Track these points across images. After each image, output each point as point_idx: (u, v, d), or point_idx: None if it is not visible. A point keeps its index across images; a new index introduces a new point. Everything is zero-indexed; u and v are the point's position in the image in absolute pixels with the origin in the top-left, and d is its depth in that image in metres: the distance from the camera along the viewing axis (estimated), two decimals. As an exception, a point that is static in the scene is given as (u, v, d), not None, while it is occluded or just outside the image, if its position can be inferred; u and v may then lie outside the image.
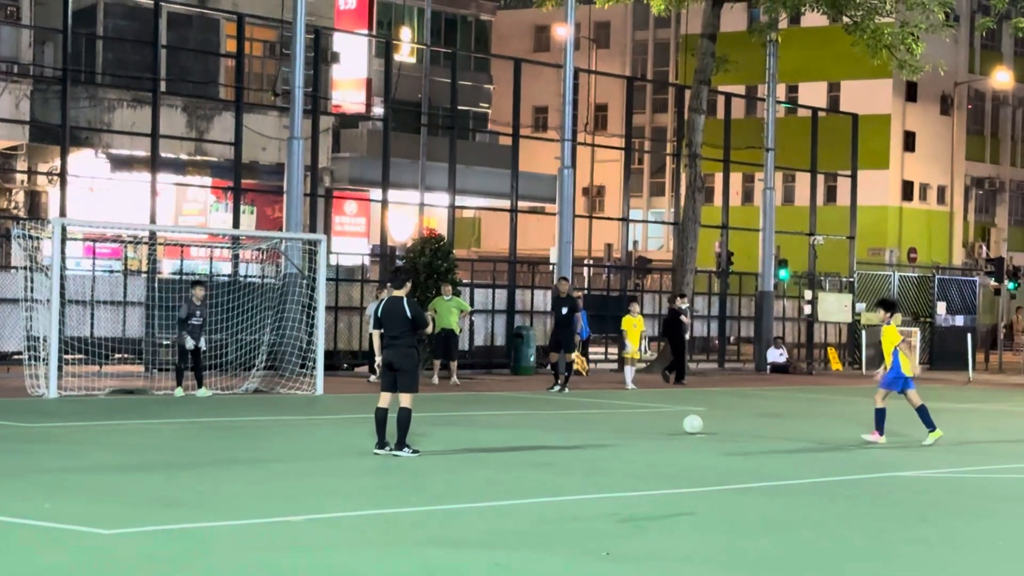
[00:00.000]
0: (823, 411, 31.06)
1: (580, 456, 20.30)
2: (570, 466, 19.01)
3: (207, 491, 15.76)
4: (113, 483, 16.13)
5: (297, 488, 16.27)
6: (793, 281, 50.00)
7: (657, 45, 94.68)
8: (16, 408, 25.04)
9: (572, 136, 41.34)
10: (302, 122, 35.57)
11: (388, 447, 19.02)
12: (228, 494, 15.62)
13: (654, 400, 31.82)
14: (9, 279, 32.65)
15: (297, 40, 35.09)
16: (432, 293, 35.45)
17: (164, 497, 15.27)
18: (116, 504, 14.61)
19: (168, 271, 38.60)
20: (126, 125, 40.21)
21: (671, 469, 19.22)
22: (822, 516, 15.56)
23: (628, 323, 35.10)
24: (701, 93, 43.09)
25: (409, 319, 18.88)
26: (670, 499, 16.41)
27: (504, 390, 33.82)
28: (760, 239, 47.37)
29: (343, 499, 15.56)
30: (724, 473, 18.77)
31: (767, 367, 45.76)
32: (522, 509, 15.34)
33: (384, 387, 19.20)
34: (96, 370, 31.20)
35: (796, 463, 20.60)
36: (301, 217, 35.64)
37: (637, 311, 35.75)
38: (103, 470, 17.20)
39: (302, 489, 16.20)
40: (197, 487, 16.05)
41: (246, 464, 18.36)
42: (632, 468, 19.13)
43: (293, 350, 32.40)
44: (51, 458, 18.36)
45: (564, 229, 40.38)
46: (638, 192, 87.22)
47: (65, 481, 16.20)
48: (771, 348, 46.10)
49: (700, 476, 18.39)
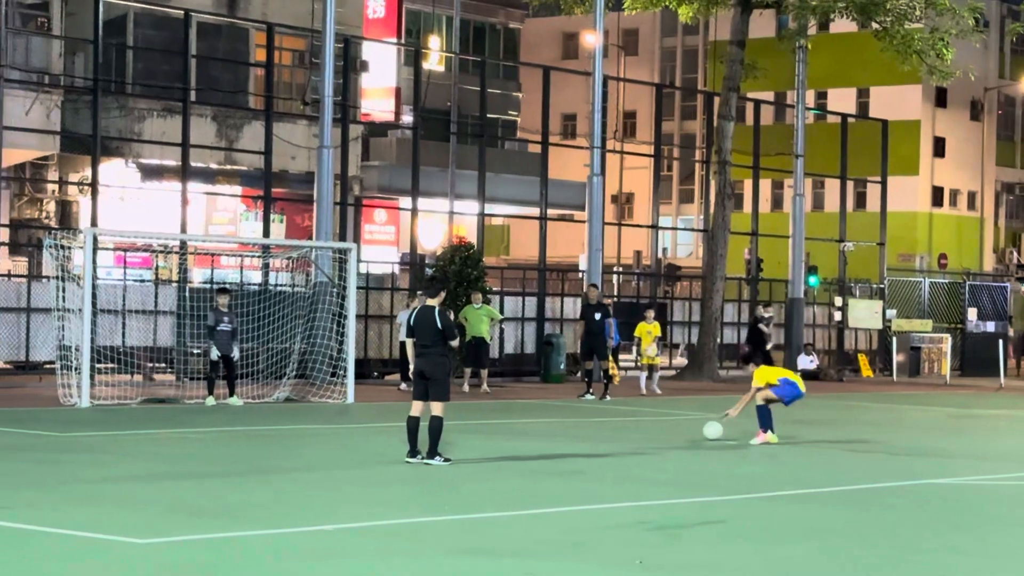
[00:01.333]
0: (853, 418, 30.95)
1: (611, 464, 20.28)
2: (601, 474, 18.99)
3: (239, 500, 15.78)
4: (146, 492, 16.17)
5: (329, 497, 16.28)
6: (823, 287, 49.90)
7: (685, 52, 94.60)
8: (49, 417, 25.13)
9: (601, 143, 41.32)
10: (331, 131, 35.61)
11: (420, 456, 19.03)
12: (260, 503, 15.64)
13: (684, 407, 31.76)
14: (41, 289, 32.79)
15: (327, 49, 35.15)
16: (462, 301, 35.46)
17: (196, 506, 15.30)
18: (149, 513, 14.64)
19: (198, 280, 38.70)
20: (156, 135, 40.34)
21: (702, 476, 19.18)
22: (854, 524, 15.50)
23: (642, 329, 35.16)
24: (730, 100, 43.06)
25: (439, 329, 18.90)
26: (701, 507, 16.38)
27: (534, 398, 33.80)
28: (790, 246, 47.28)
29: (375, 508, 15.56)
30: (755, 480, 18.72)
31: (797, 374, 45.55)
32: (554, 518, 15.32)
33: (416, 395, 19.21)
34: (128, 379, 31.30)
35: (827, 470, 20.53)
36: (331, 226, 35.69)
37: (652, 317, 35.85)
38: (136, 479, 17.23)
39: (334, 498, 16.21)
40: (229, 496, 16.07)
41: (278, 473, 18.38)
42: (663, 476, 19.10)
43: (324, 359, 32.43)
44: (84, 468, 18.41)
45: (593, 236, 40.36)
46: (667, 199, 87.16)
47: (98, 490, 16.24)
48: (801, 355, 45.98)
49: (731, 483, 18.35)
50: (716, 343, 43.36)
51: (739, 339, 47.79)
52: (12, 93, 35.80)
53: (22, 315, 32.92)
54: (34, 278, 35.04)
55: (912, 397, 38.35)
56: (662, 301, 45.49)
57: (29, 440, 21.90)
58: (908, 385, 43.99)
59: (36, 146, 39.16)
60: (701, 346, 43.13)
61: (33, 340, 32.93)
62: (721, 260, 42.97)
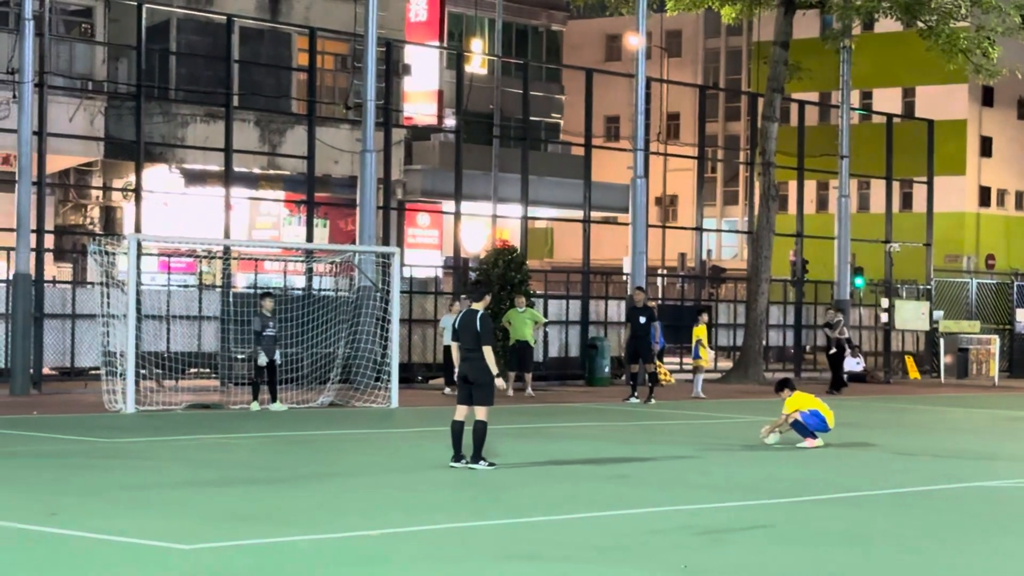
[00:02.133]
0: (900, 421, 30.84)
1: (656, 468, 20.28)
2: (646, 478, 18.99)
3: (284, 506, 15.85)
4: (191, 498, 16.26)
5: (373, 502, 16.34)
6: (869, 289, 49.70)
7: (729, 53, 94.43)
8: (94, 424, 25.27)
9: (644, 145, 41.27)
10: (374, 135, 35.70)
11: (464, 460, 19.07)
12: (304, 508, 15.70)
13: (729, 410, 31.71)
14: (86, 295, 32.97)
15: (369, 53, 35.23)
16: (506, 305, 35.48)
17: (242, 512, 15.37)
18: (195, 519, 14.72)
19: (242, 285, 38.85)
20: (199, 140, 40.52)
21: (748, 480, 19.15)
22: (901, 528, 15.47)
23: (701, 332, 35.37)
24: (774, 101, 42.97)
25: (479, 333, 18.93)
26: (747, 511, 16.36)
27: (579, 401, 33.80)
28: (835, 247, 47.12)
29: (419, 513, 15.61)
30: (801, 484, 18.69)
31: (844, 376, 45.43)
32: (599, 522, 15.34)
33: (460, 400, 19.26)
34: (173, 385, 31.43)
35: (874, 473, 20.48)
36: (374, 230, 35.78)
37: (705, 320, 35.93)
38: (181, 485, 17.32)
39: (378, 503, 16.27)
40: (274, 502, 16.14)
41: (322, 478, 18.45)
42: (708, 479, 19.09)
43: (368, 363, 32.50)
44: (129, 474, 18.52)
45: (637, 239, 40.33)
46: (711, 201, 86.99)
47: (144, 497, 16.34)
48: (847, 357, 45.78)
49: (777, 487, 18.32)
50: (762, 345, 43.26)
51: (785, 341, 47.70)
52: (56, 100, 36.00)
53: (67, 321, 33.11)
54: (79, 284, 35.23)
55: (960, 399, 38.18)
56: (706, 304, 45.39)
57: (74, 446, 22.04)
58: (956, 387, 43.79)
59: (80, 152, 39.39)
60: (747, 348, 43.03)
61: (78, 346, 33.11)
62: (766, 262, 42.88)
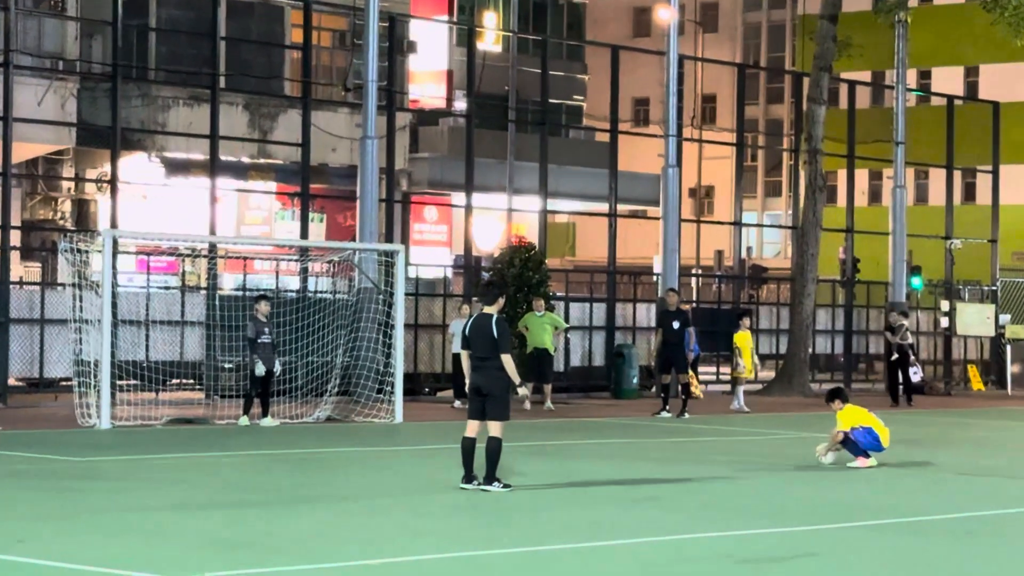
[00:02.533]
0: (963, 437, 30.80)
1: (690, 490, 20.26)
2: (679, 501, 18.98)
3: (275, 532, 15.86)
4: (172, 523, 16.27)
5: (374, 528, 16.34)
6: (927, 290, 49.63)
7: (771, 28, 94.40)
8: (65, 440, 25.30)
9: (677, 131, 41.28)
10: (376, 119, 35.73)
11: (476, 481, 19.07)
12: (298, 535, 15.71)
13: (770, 425, 31.69)
14: (56, 297, 33.03)
15: (370, 29, 35.26)
16: (523, 308, 35.49)
17: (228, 539, 15.38)
18: (175, 547, 14.73)
19: (229, 287, 38.89)
20: (182, 126, 40.58)
21: (792, 503, 19.14)
22: (964, 557, 15.44)
23: (741, 339, 35.24)
24: (821, 81, 42.93)
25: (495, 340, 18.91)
26: (792, 537, 16.35)
27: (604, 416, 33.79)
28: (890, 244, 47.09)
29: (425, 540, 15.61)
30: (851, 508, 18.66)
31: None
32: (626, 550, 15.33)
33: (471, 414, 19.25)
34: (152, 397, 31.48)
35: (933, 496, 20.45)
36: (376, 225, 35.81)
37: (747, 325, 35.87)
38: (161, 509, 17.34)
39: (380, 529, 16.27)
40: (264, 527, 16.15)
41: (318, 501, 18.46)
42: (749, 503, 19.07)
43: (369, 373, 32.53)
44: (104, 496, 18.54)
45: (669, 235, 40.32)
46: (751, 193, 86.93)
47: (121, 521, 16.35)
48: (906, 365, 45.75)
49: (825, 511, 18.30)
50: (807, 353, 43.23)
51: (833, 348, 47.65)
52: (23, 81, 36.05)
53: (35, 327, 33.17)
54: (48, 286, 35.31)
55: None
56: (746, 306, 45.38)
57: (43, 465, 22.07)
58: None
59: (50, 139, 39.46)
60: (790, 357, 43.02)
61: (48, 355, 33.17)
62: (812, 260, 42.84)
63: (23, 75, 36.17)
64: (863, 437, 22.96)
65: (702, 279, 58.95)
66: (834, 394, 23.58)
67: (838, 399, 23.30)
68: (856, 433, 22.93)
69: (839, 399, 23.29)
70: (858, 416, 23.12)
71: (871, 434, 23.03)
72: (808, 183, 43.44)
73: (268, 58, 44.65)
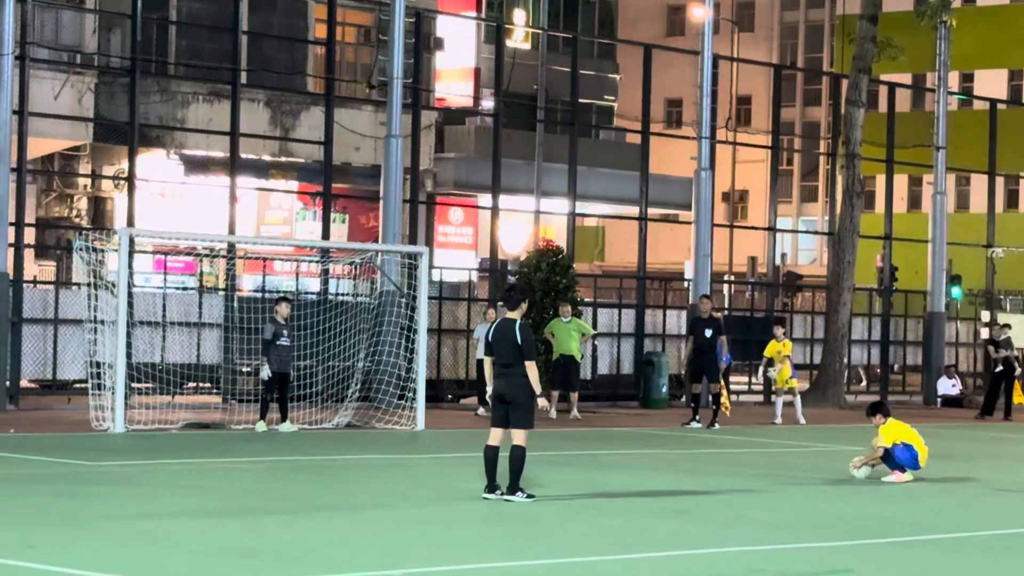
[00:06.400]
0: (1003, 452, 30.71)
1: (720, 503, 20.23)
2: (708, 514, 18.95)
3: (293, 540, 15.86)
4: (187, 531, 16.29)
5: (395, 538, 16.34)
6: (968, 300, 49.51)
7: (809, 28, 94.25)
8: (79, 444, 25.35)
9: (711, 133, 41.23)
10: (401, 118, 35.75)
11: (499, 491, 19.05)
12: (316, 544, 15.71)
13: (804, 437, 31.63)
14: (71, 297, 33.10)
15: (396, 24, 35.30)
16: (549, 314, 35.47)
17: (244, 547, 15.40)
18: (190, 555, 14.74)
19: (248, 288, 38.95)
20: (202, 122, 40.63)
21: (825, 518, 19.10)
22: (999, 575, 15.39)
23: (773, 349, 35.18)
24: (860, 83, 42.86)
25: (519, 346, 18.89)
26: (825, 553, 16.31)
27: (632, 425, 33.77)
28: (929, 251, 46.98)
29: (447, 551, 15.61)
30: (887, 523, 18.63)
31: (937, 400, 45.32)
32: (653, 564, 15.31)
33: (495, 422, 19.23)
34: (168, 401, 31.53)
35: (971, 513, 20.39)
36: (400, 226, 35.84)
37: (782, 334, 35.80)
38: (175, 516, 17.36)
39: (401, 539, 16.27)
40: (282, 536, 16.17)
41: (337, 510, 18.47)
42: (781, 517, 19.04)
43: (390, 379, 32.55)
44: (117, 502, 18.57)
45: (701, 240, 40.28)
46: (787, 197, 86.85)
47: (134, 528, 16.38)
48: (942, 378, 45.65)
49: (859, 526, 18.26)
50: (843, 364, 43.14)
51: (869, 359, 47.53)
52: (40, 75, 36.15)
53: (49, 327, 33.24)
54: (63, 285, 35.40)
55: (1071, 428, 38.04)
56: (780, 315, 45.30)
57: (56, 470, 22.11)
58: (1067, 414, 43.57)
59: (66, 135, 39.53)
60: (825, 367, 42.93)
61: (61, 356, 33.24)
62: (849, 268, 42.77)
63: (40, 69, 36.26)
64: (902, 454, 22.91)
65: (735, 286, 59.00)
66: (875, 408, 23.51)
67: (879, 413, 23.22)
68: (896, 449, 22.88)
69: (880, 413, 23.20)
70: (901, 432, 23.05)
71: (910, 451, 22.97)
72: (845, 188, 43.35)
73: (291, 54, 44.68)
